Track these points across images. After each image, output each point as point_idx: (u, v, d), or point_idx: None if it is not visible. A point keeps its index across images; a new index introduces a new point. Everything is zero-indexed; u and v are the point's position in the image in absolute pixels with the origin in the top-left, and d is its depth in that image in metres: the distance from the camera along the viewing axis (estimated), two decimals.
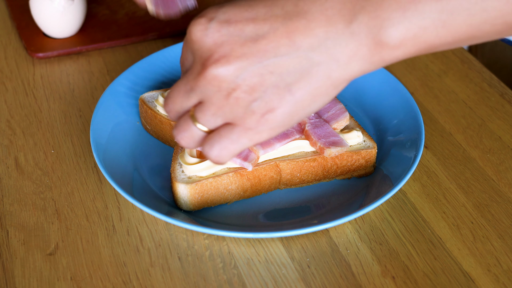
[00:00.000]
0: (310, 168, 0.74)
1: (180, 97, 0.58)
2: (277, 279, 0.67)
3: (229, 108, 0.56)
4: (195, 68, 0.56)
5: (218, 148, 0.58)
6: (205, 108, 0.57)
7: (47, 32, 0.97)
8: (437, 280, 0.66)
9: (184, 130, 0.59)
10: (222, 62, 0.54)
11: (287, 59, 0.54)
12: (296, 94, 0.55)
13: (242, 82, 0.54)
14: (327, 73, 0.54)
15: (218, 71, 0.54)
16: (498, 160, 0.79)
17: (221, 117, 0.57)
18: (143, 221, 0.72)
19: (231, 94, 0.55)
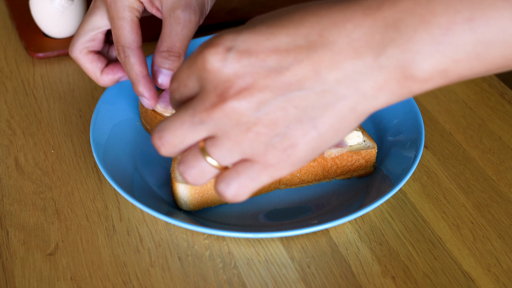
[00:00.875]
0: (310, 168, 0.74)
1: (184, 130, 0.53)
2: (277, 279, 0.67)
3: (249, 143, 0.52)
4: (207, 99, 0.51)
5: (237, 187, 0.53)
6: (220, 142, 0.52)
7: (47, 32, 0.97)
8: (437, 280, 0.66)
9: (192, 166, 0.54)
10: (244, 95, 0.50)
11: (312, 93, 0.50)
12: (320, 129, 0.52)
13: (264, 116, 0.51)
14: (352, 106, 0.51)
15: (239, 104, 0.50)
16: (498, 160, 0.79)
17: (238, 152, 0.52)
18: (143, 221, 0.72)
19: (251, 129, 0.51)
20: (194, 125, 0.52)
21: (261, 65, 0.50)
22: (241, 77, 0.51)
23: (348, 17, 0.50)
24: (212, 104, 0.51)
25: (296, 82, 0.50)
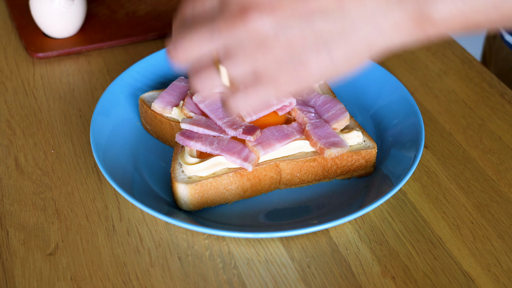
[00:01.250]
0: (310, 168, 0.74)
1: (201, 38, 0.54)
2: (277, 279, 0.67)
3: (263, 58, 0.54)
4: (229, 12, 0.53)
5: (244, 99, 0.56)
6: (236, 56, 0.54)
7: (47, 32, 0.97)
8: (437, 280, 0.66)
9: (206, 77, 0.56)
10: (268, 11, 0.52)
11: (332, 23, 0.53)
12: (334, 55, 0.54)
13: (282, 35, 0.53)
14: (368, 40, 0.54)
15: (262, 19, 0.52)
16: (498, 160, 0.79)
17: (251, 66, 0.54)
18: (143, 221, 0.72)
19: (268, 46, 0.53)
20: (211, 35, 0.54)
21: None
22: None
23: None
24: (233, 16, 0.53)
25: (320, 10, 0.53)
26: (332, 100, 0.79)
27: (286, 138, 0.74)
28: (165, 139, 0.81)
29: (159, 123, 0.80)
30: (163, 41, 0.99)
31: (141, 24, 1.00)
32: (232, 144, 0.73)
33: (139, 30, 0.99)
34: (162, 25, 1.00)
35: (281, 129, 0.75)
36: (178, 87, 0.82)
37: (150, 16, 1.02)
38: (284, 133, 0.74)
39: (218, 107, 0.76)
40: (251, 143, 0.72)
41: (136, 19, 1.01)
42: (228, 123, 0.74)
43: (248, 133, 0.73)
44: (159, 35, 0.99)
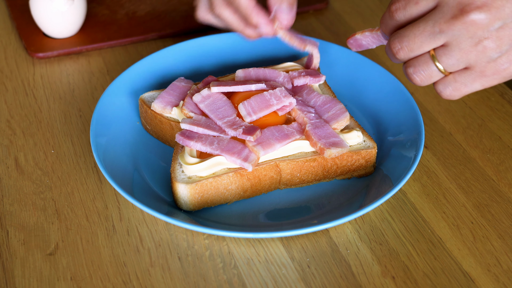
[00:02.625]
0: (310, 168, 0.74)
1: (423, 38, 0.61)
2: (277, 279, 0.67)
3: (475, 55, 0.61)
4: (449, 12, 0.60)
5: (451, 89, 0.63)
6: (451, 52, 0.61)
7: (47, 32, 0.97)
8: (437, 280, 0.66)
9: (423, 69, 0.63)
10: (484, 10, 0.59)
11: None
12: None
13: (495, 32, 0.59)
14: None
15: (479, 17, 0.59)
16: (498, 160, 0.79)
17: (464, 62, 0.61)
18: (143, 221, 0.72)
19: (481, 42, 0.60)
20: (434, 34, 0.61)
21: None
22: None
23: None
24: (453, 16, 0.60)
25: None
26: (332, 100, 0.79)
27: (286, 138, 0.74)
28: (165, 139, 0.81)
29: (159, 123, 0.80)
30: (163, 41, 0.99)
31: (141, 24, 1.00)
32: (232, 144, 0.73)
33: (139, 30, 0.99)
34: (162, 25, 1.00)
35: (281, 129, 0.75)
36: (178, 87, 0.82)
37: (150, 16, 1.02)
38: (284, 133, 0.74)
39: (218, 107, 0.76)
40: (251, 143, 0.72)
41: (136, 19, 1.01)
42: (228, 123, 0.74)
43: (248, 133, 0.73)
44: (159, 35, 0.99)
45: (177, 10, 1.03)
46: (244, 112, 0.75)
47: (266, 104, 0.75)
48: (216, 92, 0.78)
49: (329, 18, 1.03)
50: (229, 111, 0.76)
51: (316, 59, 0.82)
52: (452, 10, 0.60)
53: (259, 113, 0.75)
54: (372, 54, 0.95)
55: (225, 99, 0.77)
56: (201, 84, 0.82)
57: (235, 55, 0.92)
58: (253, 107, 0.75)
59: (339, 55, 0.90)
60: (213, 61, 0.92)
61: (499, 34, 0.60)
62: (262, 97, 0.76)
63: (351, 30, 1.01)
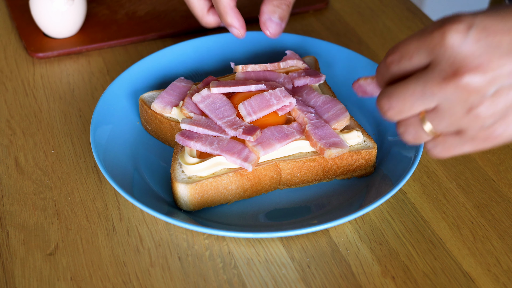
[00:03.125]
0: (310, 168, 0.74)
1: (414, 99, 0.57)
2: (277, 279, 0.67)
3: (467, 121, 0.56)
4: (441, 73, 0.55)
5: (440, 150, 0.59)
6: (443, 116, 0.57)
7: (47, 32, 0.97)
8: (437, 280, 0.66)
9: (412, 130, 0.59)
10: (477, 73, 0.53)
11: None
12: None
13: (489, 99, 0.54)
14: None
15: (472, 80, 0.54)
16: (498, 160, 0.79)
17: (456, 127, 0.57)
18: (143, 221, 0.72)
19: (474, 109, 0.55)
20: (425, 96, 0.56)
21: (496, 45, 0.53)
22: (478, 56, 0.53)
23: None
24: (446, 78, 0.54)
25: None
26: (332, 100, 0.79)
27: (286, 138, 0.74)
28: (165, 139, 0.81)
29: (159, 123, 0.80)
30: (163, 41, 0.99)
31: (141, 24, 1.00)
32: (232, 144, 0.73)
33: (139, 30, 0.99)
34: (162, 25, 1.00)
35: (281, 129, 0.75)
36: (178, 87, 0.82)
37: (150, 16, 1.02)
38: (284, 133, 0.74)
39: (218, 107, 0.76)
40: (251, 143, 0.72)
41: (136, 19, 1.01)
42: (228, 123, 0.74)
43: (248, 133, 0.73)
44: (159, 35, 0.99)
45: (177, 10, 1.03)
46: (244, 112, 0.75)
47: (266, 104, 0.75)
48: (216, 92, 0.78)
49: (329, 18, 1.03)
50: (229, 111, 0.76)
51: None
52: (445, 70, 0.55)
53: (259, 113, 0.75)
54: (372, 54, 0.95)
55: (225, 99, 0.77)
56: (201, 84, 0.82)
57: (235, 55, 0.92)
58: (253, 107, 0.75)
59: (339, 55, 0.90)
60: (213, 61, 0.92)
61: (494, 100, 0.55)
62: (262, 97, 0.76)
63: (351, 30, 1.01)
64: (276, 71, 0.83)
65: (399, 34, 1.00)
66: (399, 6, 1.05)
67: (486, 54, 0.53)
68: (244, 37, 0.79)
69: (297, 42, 0.92)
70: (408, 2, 1.07)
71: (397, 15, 1.04)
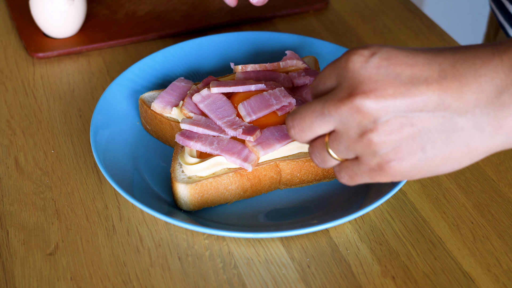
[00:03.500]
0: (310, 168, 0.74)
1: (313, 117, 0.58)
2: (277, 279, 0.67)
3: (361, 146, 0.56)
4: (339, 94, 0.56)
5: (346, 177, 0.60)
6: (339, 140, 0.57)
7: (47, 32, 0.97)
8: (437, 280, 0.66)
9: (318, 152, 0.60)
10: (371, 96, 0.54)
11: (431, 116, 0.54)
12: (428, 153, 0.55)
13: (381, 125, 0.54)
14: (467, 141, 0.54)
15: (364, 103, 0.54)
16: (498, 160, 0.79)
17: (352, 152, 0.57)
18: (143, 221, 0.72)
19: (366, 135, 0.55)
20: (323, 116, 0.57)
21: (395, 76, 0.54)
22: (374, 81, 0.54)
23: (478, 54, 0.54)
24: (341, 99, 0.55)
25: (421, 101, 0.53)
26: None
27: (286, 138, 0.74)
28: (165, 139, 0.81)
29: (159, 123, 0.80)
30: (163, 41, 0.99)
31: (141, 24, 1.00)
32: (232, 144, 0.73)
33: (139, 30, 0.99)
34: (162, 25, 1.00)
35: (281, 129, 0.75)
36: (178, 87, 0.82)
37: (150, 16, 1.02)
38: (284, 133, 0.74)
39: (218, 107, 0.76)
40: (251, 143, 0.72)
41: (136, 19, 1.01)
42: (228, 123, 0.74)
43: (247, 133, 0.73)
44: (159, 35, 0.99)
45: (177, 10, 1.03)
46: (243, 112, 0.75)
47: (266, 104, 0.75)
48: (216, 92, 0.78)
49: (329, 18, 1.03)
50: (229, 111, 0.76)
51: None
52: (342, 92, 0.55)
53: (259, 113, 0.75)
54: None
55: (225, 99, 0.77)
56: (201, 84, 0.82)
57: (235, 55, 0.92)
58: (253, 107, 0.75)
59: (339, 55, 0.90)
60: (213, 61, 0.92)
61: (386, 128, 0.54)
62: (262, 97, 0.76)
63: (351, 30, 1.01)
64: (276, 71, 0.83)
65: (399, 34, 1.00)
66: (399, 6, 1.05)
67: (384, 81, 0.54)
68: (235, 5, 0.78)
69: (297, 42, 0.92)
70: (408, 2, 1.07)
71: (397, 15, 1.04)
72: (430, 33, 1.00)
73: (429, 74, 0.54)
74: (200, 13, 1.02)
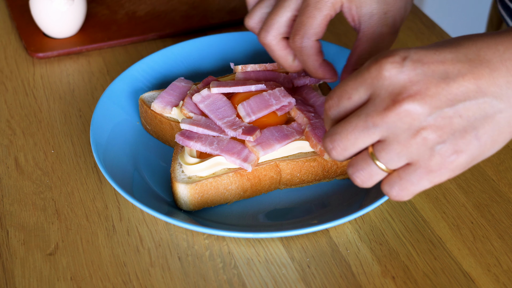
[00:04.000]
0: (310, 168, 0.74)
1: (357, 133, 0.57)
2: (277, 279, 0.67)
3: (416, 148, 0.56)
4: (381, 104, 0.56)
5: (398, 189, 0.58)
6: (389, 147, 0.56)
7: (47, 32, 0.97)
8: (437, 280, 0.66)
9: (362, 169, 0.59)
10: (418, 98, 0.55)
11: (474, 104, 0.55)
12: (482, 139, 0.56)
13: (432, 122, 0.55)
14: (508, 119, 0.56)
15: (413, 107, 0.55)
16: (498, 160, 0.79)
17: (405, 156, 0.57)
18: (143, 221, 0.72)
19: (420, 133, 0.55)
20: (368, 129, 0.56)
21: (432, 74, 0.55)
22: (415, 83, 0.55)
23: (498, 41, 0.57)
24: (386, 107, 0.55)
25: (461, 93, 0.55)
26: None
27: (285, 138, 0.74)
28: (165, 139, 0.81)
29: (159, 123, 0.80)
30: (163, 41, 0.99)
31: (141, 24, 1.00)
32: (231, 145, 0.73)
33: (139, 30, 0.99)
34: (162, 25, 1.00)
35: (281, 129, 0.75)
36: (178, 87, 0.82)
37: (150, 16, 1.02)
38: (283, 133, 0.74)
39: (218, 107, 0.76)
40: (250, 144, 0.72)
41: (136, 19, 1.01)
42: (227, 124, 0.74)
43: (247, 134, 0.73)
44: (159, 35, 0.99)
45: (177, 10, 1.03)
46: (243, 112, 0.75)
47: (265, 104, 0.75)
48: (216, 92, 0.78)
49: None
50: (228, 111, 0.76)
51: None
52: (384, 101, 0.55)
53: (258, 113, 0.75)
54: None
55: (225, 99, 0.77)
56: (201, 84, 0.82)
57: (235, 55, 0.92)
58: (252, 107, 0.75)
59: (339, 55, 0.90)
60: (213, 61, 0.92)
61: (438, 123, 0.55)
62: (261, 97, 0.76)
63: (351, 30, 1.01)
64: (276, 71, 0.83)
65: (399, 34, 1.00)
66: None
67: (423, 82, 0.55)
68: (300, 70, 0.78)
69: None
70: None
71: None
72: (430, 33, 1.00)
73: (461, 66, 0.56)
74: (200, 13, 1.02)
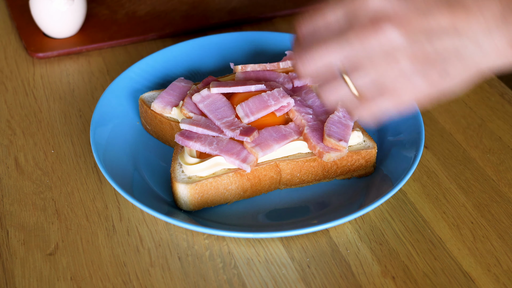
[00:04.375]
0: (310, 168, 0.74)
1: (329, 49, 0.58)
2: (277, 279, 0.67)
3: (389, 69, 0.57)
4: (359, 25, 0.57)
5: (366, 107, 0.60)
6: (364, 65, 0.58)
7: (47, 32, 0.97)
8: (437, 280, 0.66)
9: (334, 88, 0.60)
10: (397, 25, 0.56)
11: (448, 40, 0.57)
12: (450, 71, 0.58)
13: (408, 50, 0.57)
14: (474, 60, 0.58)
15: (392, 30, 0.56)
16: (498, 160, 0.79)
17: (377, 76, 0.58)
18: (143, 221, 0.72)
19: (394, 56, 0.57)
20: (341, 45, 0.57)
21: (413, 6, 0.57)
22: (397, 12, 0.57)
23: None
24: (364, 27, 0.57)
25: (438, 28, 0.57)
26: None
27: (284, 139, 0.74)
28: (165, 139, 0.81)
29: (159, 123, 0.80)
30: (163, 41, 0.99)
31: (141, 24, 1.00)
32: (231, 145, 0.73)
33: (139, 30, 0.99)
34: (162, 25, 1.00)
35: (279, 130, 0.75)
36: (178, 87, 0.82)
37: (150, 16, 1.02)
38: (282, 133, 0.74)
39: (217, 108, 0.76)
40: (249, 144, 0.72)
41: (136, 19, 1.01)
42: (226, 124, 0.74)
43: (245, 134, 0.73)
44: (159, 35, 0.99)
45: (177, 10, 1.03)
46: (242, 113, 0.75)
47: (264, 105, 0.75)
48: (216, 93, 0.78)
49: None
50: (228, 111, 0.76)
51: None
52: (362, 23, 0.57)
53: (257, 114, 0.75)
54: None
55: (225, 100, 0.77)
56: (201, 84, 0.82)
57: (235, 55, 0.92)
58: (251, 108, 0.75)
59: None
60: (213, 61, 0.92)
61: (413, 50, 0.57)
62: (260, 98, 0.76)
63: None
64: (276, 71, 0.83)
65: None
66: None
67: (405, 12, 0.57)
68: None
69: None
70: None
71: None
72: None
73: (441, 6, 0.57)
74: (200, 13, 1.02)
